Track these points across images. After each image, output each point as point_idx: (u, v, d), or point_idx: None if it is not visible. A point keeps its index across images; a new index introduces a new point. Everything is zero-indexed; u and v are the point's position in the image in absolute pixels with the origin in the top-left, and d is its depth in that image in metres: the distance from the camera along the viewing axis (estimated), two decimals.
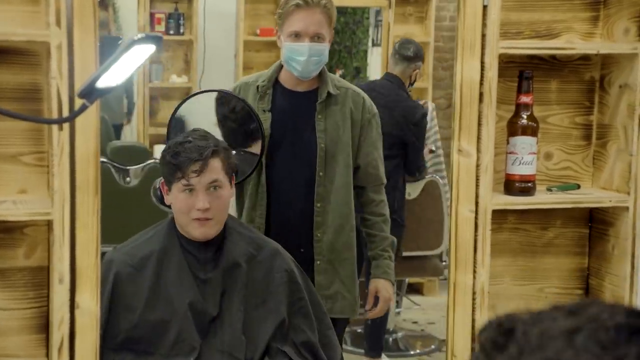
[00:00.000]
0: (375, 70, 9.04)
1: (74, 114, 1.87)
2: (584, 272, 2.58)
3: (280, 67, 3.16)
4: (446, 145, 8.02)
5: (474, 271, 2.31)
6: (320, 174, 3.10)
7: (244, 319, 2.67)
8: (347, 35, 9.21)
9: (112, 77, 1.85)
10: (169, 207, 2.75)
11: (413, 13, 7.70)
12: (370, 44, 9.39)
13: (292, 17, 3.04)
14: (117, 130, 7.07)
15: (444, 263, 5.80)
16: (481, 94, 2.27)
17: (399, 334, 6.00)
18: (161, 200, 2.83)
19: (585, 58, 2.49)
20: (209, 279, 2.69)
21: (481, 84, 2.27)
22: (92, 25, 2.06)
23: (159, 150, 4.58)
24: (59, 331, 2.09)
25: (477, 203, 2.29)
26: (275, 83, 3.17)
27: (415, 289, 6.80)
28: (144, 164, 4.88)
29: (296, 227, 3.14)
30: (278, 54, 7.17)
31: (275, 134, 3.13)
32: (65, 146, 2.06)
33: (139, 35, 1.80)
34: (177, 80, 7.13)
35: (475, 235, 2.30)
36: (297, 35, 3.03)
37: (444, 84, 7.90)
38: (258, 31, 7.14)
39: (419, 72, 5.31)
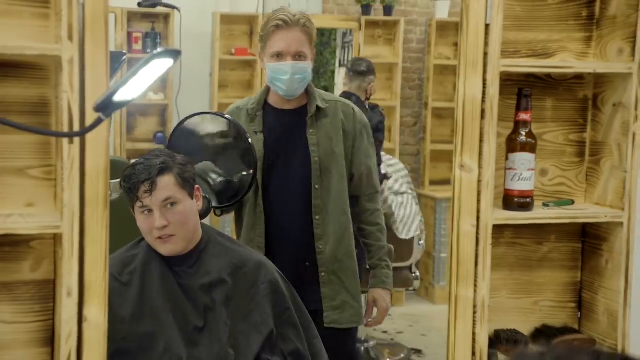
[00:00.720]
0: (341, 89, 9.05)
1: (89, 127, 1.80)
2: (577, 286, 2.55)
3: (268, 89, 3.13)
4: (415, 161, 8.05)
5: (475, 285, 2.27)
6: (316, 186, 3.05)
7: (231, 332, 2.61)
8: (316, 56, 9.18)
9: (128, 91, 1.78)
10: None
11: (382, 35, 7.73)
12: (337, 64, 9.41)
13: (273, 37, 3.02)
14: None
15: (413, 275, 5.80)
16: (483, 111, 2.23)
17: (370, 343, 6.04)
18: None
19: (579, 77, 2.47)
20: (192, 291, 2.62)
21: (483, 101, 2.23)
22: (103, 39, 2.00)
23: None
24: (67, 345, 2.00)
25: (478, 218, 2.25)
26: (265, 105, 3.14)
27: None
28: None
29: (298, 242, 3.09)
30: (252, 73, 7.26)
31: (268, 154, 3.09)
32: (75, 160, 1.98)
33: (159, 50, 1.74)
34: (154, 97, 7.07)
35: (477, 250, 2.26)
36: (279, 56, 3.01)
37: (410, 103, 7.95)
38: (233, 51, 7.14)
39: (373, 85, 5.51)
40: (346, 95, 5.41)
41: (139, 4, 6.08)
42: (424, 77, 7.99)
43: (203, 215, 3.39)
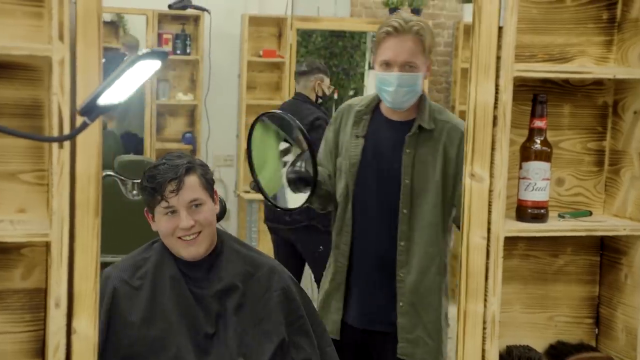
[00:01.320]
0: (371, 91, 8.87)
1: (73, 132, 1.66)
2: (595, 301, 2.37)
3: None
4: None
5: (485, 300, 2.10)
6: (404, 211, 2.80)
7: (242, 340, 2.47)
8: (345, 59, 9.10)
9: (114, 94, 1.64)
10: None
11: None
12: (367, 67, 9.28)
13: (383, 44, 2.78)
14: (140, 143, 6.88)
15: None
16: (495, 118, 2.06)
17: None
18: None
19: (599, 83, 2.29)
20: (203, 297, 2.48)
21: (495, 107, 2.06)
22: (96, 39, 1.85)
23: None
24: (55, 358, 1.86)
25: (489, 230, 2.08)
26: (375, 109, 2.91)
27: None
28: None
29: (380, 261, 2.86)
30: (280, 75, 7.12)
31: (364, 162, 2.86)
32: (65, 165, 1.84)
33: (144, 51, 1.59)
34: (183, 97, 6.99)
35: (487, 263, 2.09)
36: (387, 64, 2.76)
37: None
38: (261, 52, 7.04)
39: (321, 82, 5.43)
40: (295, 95, 5.53)
41: (170, 6, 5.98)
42: (451, 81, 7.83)
43: (219, 217, 3.25)
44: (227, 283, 2.51)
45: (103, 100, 1.62)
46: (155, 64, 1.63)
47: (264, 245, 6.67)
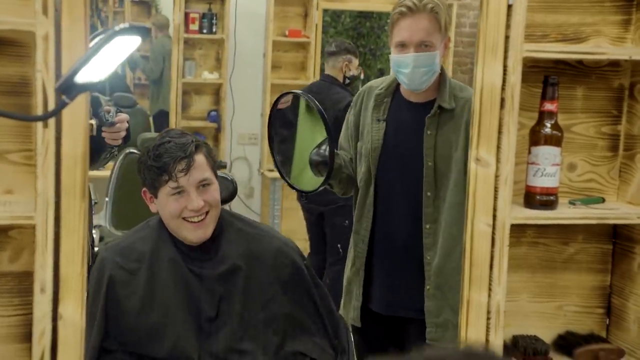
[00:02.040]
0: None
1: (53, 111, 1.52)
2: (606, 291, 2.20)
3: None
4: None
5: (489, 289, 1.94)
6: (428, 193, 2.63)
7: (247, 323, 2.31)
8: (372, 39, 8.93)
9: (94, 72, 1.49)
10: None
11: None
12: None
13: (397, 26, 2.59)
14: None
15: None
16: (502, 100, 1.89)
17: None
18: None
19: (615, 64, 2.10)
20: (205, 280, 2.31)
21: (503, 89, 1.89)
22: (82, 14, 1.70)
23: None
24: (40, 344, 1.74)
25: (494, 216, 1.92)
26: (395, 91, 2.72)
27: None
28: None
29: (405, 247, 2.69)
30: (305, 55, 6.95)
31: (387, 145, 2.69)
32: (50, 145, 1.70)
33: (121, 26, 1.44)
34: (208, 76, 6.84)
35: (492, 251, 1.93)
36: (402, 46, 2.58)
37: None
38: (287, 32, 6.86)
39: (349, 64, 5.30)
40: (323, 76, 5.44)
41: None
42: (476, 61, 7.62)
43: (229, 198, 3.10)
44: (230, 264, 2.34)
45: (82, 78, 1.48)
46: (135, 40, 1.48)
47: (287, 223, 6.53)
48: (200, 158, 2.30)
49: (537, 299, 2.17)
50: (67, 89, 1.49)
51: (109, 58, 1.48)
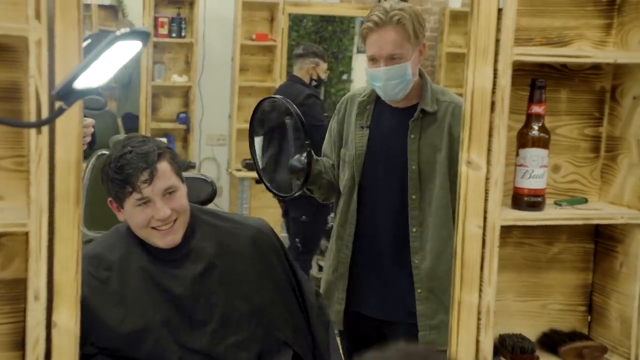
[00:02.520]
0: (358, 74, 8.75)
1: (49, 118, 1.45)
2: (588, 289, 2.17)
3: None
4: None
5: (480, 290, 1.90)
6: (413, 197, 2.56)
7: (229, 318, 2.24)
8: (334, 43, 8.92)
9: (93, 77, 1.42)
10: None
11: None
12: (355, 50, 9.08)
13: (367, 40, 2.53)
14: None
15: None
16: (493, 103, 1.85)
17: None
18: None
19: (597, 67, 2.08)
20: (181, 280, 2.22)
21: (493, 92, 1.85)
22: (75, 19, 1.63)
23: None
24: (34, 353, 1.66)
25: (485, 218, 1.88)
26: (378, 98, 2.65)
27: None
28: None
29: (391, 252, 2.61)
30: (272, 58, 6.88)
31: (370, 152, 2.62)
32: (43, 152, 1.63)
33: (122, 31, 1.37)
34: (177, 79, 6.76)
35: (482, 252, 1.89)
36: (373, 60, 2.52)
37: None
38: (254, 36, 6.81)
39: (316, 67, 5.35)
40: (290, 77, 5.48)
41: None
42: (437, 64, 7.64)
43: (210, 199, 3.02)
44: (205, 262, 2.25)
45: (80, 84, 1.40)
46: (135, 45, 1.41)
47: None
48: (163, 166, 2.18)
49: (522, 298, 2.13)
50: (65, 95, 1.42)
51: (109, 63, 1.41)
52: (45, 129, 1.62)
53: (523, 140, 1.94)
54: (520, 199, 1.95)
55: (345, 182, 2.67)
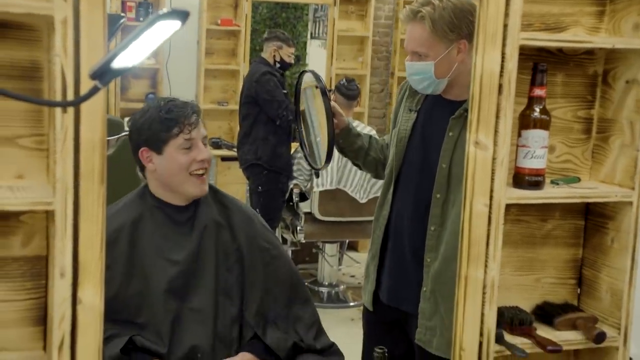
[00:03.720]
0: (313, 59, 8.71)
1: (85, 96, 1.37)
2: (578, 263, 2.17)
3: None
4: (381, 123, 7.70)
5: (485, 265, 1.87)
6: (437, 195, 2.34)
7: (231, 281, 2.27)
8: (288, 29, 8.86)
9: (129, 57, 1.35)
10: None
11: (354, 11, 7.37)
12: (309, 36, 9.02)
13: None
14: None
15: None
16: (500, 86, 1.82)
17: (340, 287, 5.79)
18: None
19: (590, 52, 2.06)
20: (186, 242, 2.25)
21: (500, 75, 1.82)
22: None
23: None
24: (60, 328, 1.58)
25: (491, 197, 1.85)
26: None
27: (353, 247, 6.61)
28: (118, 135, 4.37)
29: (412, 244, 2.43)
30: (236, 42, 6.79)
31: (414, 136, 2.42)
32: (69, 131, 1.54)
33: (164, 10, 1.30)
34: (146, 61, 6.61)
35: (488, 230, 1.86)
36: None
37: (378, 72, 7.67)
38: (219, 21, 6.74)
39: (279, 50, 5.40)
40: (257, 59, 5.57)
41: None
42: (391, 50, 7.64)
43: None
44: (212, 223, 2.30)
45: (117, 64, 1.33)
46: (174, 24, 1.34)
47: None
48: (200, 118, 2.30)
49: (518, 273, 2.12)
50: (102, 75, 1.34)
51: (146, 43, 1.34)
52: (70, 109, 1.54)
53: (525, 121, 1.92)
54: (522, 179, 1.93)
55: (389, 162, 2.51)
